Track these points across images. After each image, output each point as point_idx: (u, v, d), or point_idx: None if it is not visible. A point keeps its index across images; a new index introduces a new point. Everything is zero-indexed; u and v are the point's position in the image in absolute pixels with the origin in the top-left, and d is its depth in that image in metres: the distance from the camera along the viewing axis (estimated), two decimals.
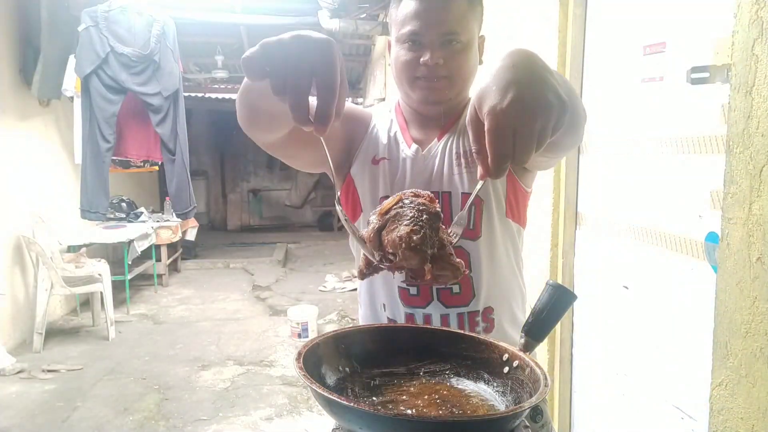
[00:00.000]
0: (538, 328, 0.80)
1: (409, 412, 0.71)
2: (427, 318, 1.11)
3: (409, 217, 0.66)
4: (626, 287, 1.90)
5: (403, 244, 0.63)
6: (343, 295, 6.02)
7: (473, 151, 0.63)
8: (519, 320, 1.19)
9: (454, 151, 1.13)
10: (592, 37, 2.10)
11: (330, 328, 4.82)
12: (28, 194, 4.65)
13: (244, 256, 8.05)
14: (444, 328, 0.87)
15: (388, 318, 1.14)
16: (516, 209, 1.19)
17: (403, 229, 0.64)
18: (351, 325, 0.86)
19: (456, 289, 1.09)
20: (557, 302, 0.80)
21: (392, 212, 0.68)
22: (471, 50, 1.10)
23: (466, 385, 0.80)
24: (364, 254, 0.76)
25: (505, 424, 0.63)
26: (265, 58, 0.63)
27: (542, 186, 2.33)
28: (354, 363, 0.80)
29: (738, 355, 1.23)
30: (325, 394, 0.61)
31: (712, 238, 1.48)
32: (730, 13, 1.26)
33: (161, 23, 4.73)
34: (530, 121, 0.59)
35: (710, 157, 1.49)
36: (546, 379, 0.69)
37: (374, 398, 0.75)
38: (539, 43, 2.32)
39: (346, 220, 0.75)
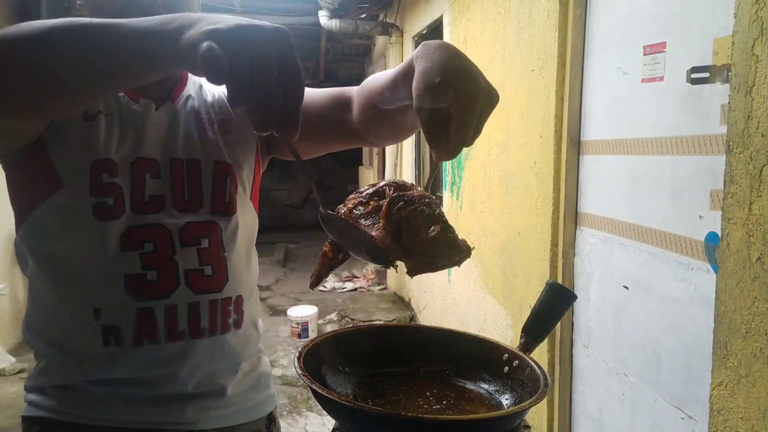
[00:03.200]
0: (538, 328, 0.80)
1: (409, 412, 0.71)
2: (171, 310, 0.88)
3: (426, 215, 0.65)
4: (626, 287, 1.90)
5: (443, 244, 0.64)
6: (343, 295, 6.02)
7: (427, 137, 0.63)
8: (257, 321, 1.04)
9: (203, 116, 0.95)
10: (592, 37, 2.10)
11: (330, 328, 4.83)
12: None
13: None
14: (444, 328, 0.87)
15: (104, 327, 0.86)
16: (254, 193, 1.03)
17: (436, 229, 0.64)
18: (351, 325, 0.86)
19: (208, 271, 0.91)
20: (557, 302, 0.81)
21: (402, 213, 0.65)
22: (195, 5, 0.94)
23: (466, 385, 0.80)
24: (325, 253, 0.70)
25: (505, 424, 0.63)
26: (231, 56, 0.52)
27: (542, 186, 2.33)
28: (354, 363, 0.80)
29: (738, 355, 1.24)
30: (325, 394, 0.61)
31: (712, 238, 1.48)
32: (730, 13, 1.26)
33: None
34: (490, 106, 0.64)
35: (710, 157, 1.49)
36: (546, 379, 0.69)
37: (374, 398, 0.75)
38: (539, 44, 2.33)
39: (344, 223, 0.66)
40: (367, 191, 0.69)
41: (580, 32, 2.13)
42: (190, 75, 0.99)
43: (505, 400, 0.75)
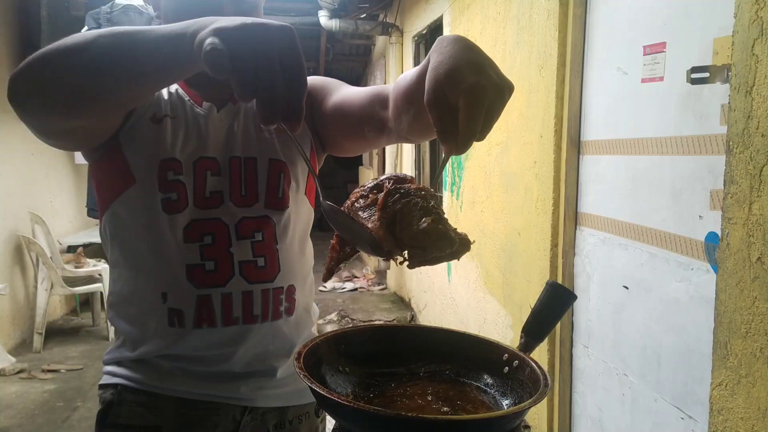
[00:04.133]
0: (538, 328, 0.80)
1: (409, 412, 0.71)
2: (227, 298, 0.96)
3: (420, 207, 0.65)
4: (626, 287, 1.90)
5: (434, 235, 0.64)
6: (343, 295, 6.02)
7: (439, 131, 0.63)
8: (311, 307, 1.11)
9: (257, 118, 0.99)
10: (592, 37, 2.10)
11: (330, 328, 4.82)
12: (28, 194, 4.65)
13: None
14: (444, 328, 0.86)
15: (170, 309, 0.95)
16: (309, 189, 1.08)
17: (427, 221, 0.64)
18: (351, 325, 0.86)
19: (261, 262, 0.98)
20: (557, 302, 0.81)
21: (396, 206, 0.66)
22: (261, 9, 1.08)
23: (466, 385, 0.80)
24: (335, 245, 0.73)
25: (505, 424, 0.63)
26: (231, 50, 0.56)
27: (542, 186, 2.33)
28: (354, 363, 0.80)
29: (738, 355, 1.24)
30: (325, 394, 0.61)
31: (712, 238, 1.48)
32: (730, 13, 1.26)
33: (160, 22, 4.74)
34: (500, 99, 0.63)
35: (710, 157, 1.49)
36: (546, 379, 0.69)
37: (374, 398, 0.75)
38: (539, 44, 2.33)
39: (344, 216, 0.69)
40: (369, 185, 0.70)
41: (580, 32, 2.13)
42: None
43: (505, 400, 0.75)
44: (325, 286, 6.25)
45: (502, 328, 2.85)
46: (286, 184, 1.01)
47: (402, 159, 5.50)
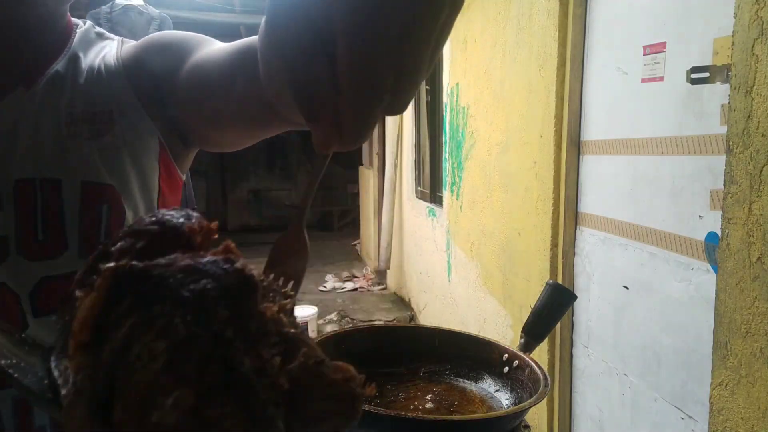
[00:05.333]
0: (538, 328, 0.80)
1: (409, 412, 0.71)
2: (20, 406, 0.60)
3: (178, 340, 0.22)
4: (626, 287, 1.90)
5: None
6: (343, 295, 6.02)
7: (306, 115, 0.32)
8: None
9: (63, 111, 0.62)
10: (593, 37, 2.10)
11: (330, 328, 4.82)
12: None
13: (244, 256, 8.04)
14: (444, 328, 0.87)
15: None
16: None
17: (181, 398, 0.22)
18: (351, 325, 0.86)
19: None
20: (557, 302, 0.81)
21: (115, 337, 0.23)
22: None
23: (466, 385, 0.80)
24: None
25: (505, 424, 0.63)
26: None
27: (542, 186, 2.33)
28: (354, 363, 0.80)
29: (738, 355, 1.24)
30: None
31: (712, 238, 1.48)
32: (730, 13, 1.26)
33: (158, 21, 4.74)
34: (430, 8, 0.31)
35: (710, 157, 1.49)
36: (546, 379, 0.69)
37: (374, 398, 0.75)
38: (539, 44, 2.33)
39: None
40: (98, 247, 0.29)
41: (580, 32, 2.13)
42: (75, 31, 0.67)
43: (505, 400, 0.75)
44: (324, 287, 6.25)
45: (502, 328, 2.85)
46: (113, 219, 0.62)
47: (402, 159, 5.50)
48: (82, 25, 0.68)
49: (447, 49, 3.85)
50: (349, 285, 6.26)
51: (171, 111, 0.65)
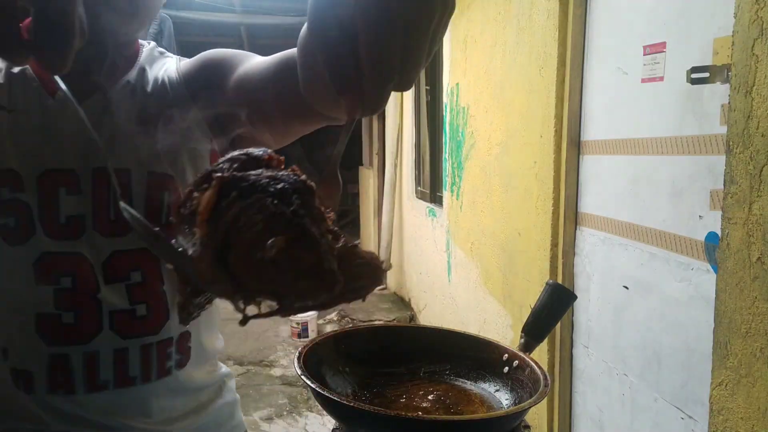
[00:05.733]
0: (538, 328, 0.80)
1: (409, 412, 0.71)
2: (91, 359, 0.72)
3: (269, 214, 0.36)
4: (626, 287, 1.90)
5: (290, 273, 0.36)
6: None
7: (331, 77, 0.41)
8: (216, 344, 0.88)
9: (133, 113, 0.75)
10: (593, 37, 2.10)
11: (330, 328, 4.83)
12: None
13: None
14: (444, 328, 0.87)
15: (12, 370, 0.72)
16: None
17: (274, 245, 0.35)
18: (351, 325, 0.86)
19: (141, 310, 0.75)
20: (557, 302, 0.81)
21: (231, 212, 0.37)
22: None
23: (466, 385, 0.80)
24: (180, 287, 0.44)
25: (505, 424, 0.63)
26: None
27: (542, 186, 2.33)
28: (354, 363, 0.80)
29: (738, 355, 1.24)
30: (325, 394, 0.61)
31: (712, 238, 1.48)
32: (730, 13, 1.26)
33: (158, 21, 4.74)
34: (426, 11, 0.39)
35: (710, 157, 1.49)
36: (546, 379, 0.69)
37: (374, 398, 0.75)
38: (539, 44, 2.33)
39: (151, 232, 0.42)
40: (206, 169, 0.43)
41: (580, 32, 2.13)
42: (142, 50, 0.81)
43: (505, 400, 0.75)
44: None
45: (502, 328, 2.85)
46: (172, 204, 0.75)
47: (402, 159, 5.51)
48: (147, 45, 0.82)
49: (447, 49, 3.85)
50: None
51: (221, 113, 0.77)
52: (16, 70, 0.73)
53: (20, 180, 0.69)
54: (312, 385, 0.63)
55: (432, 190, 4.64)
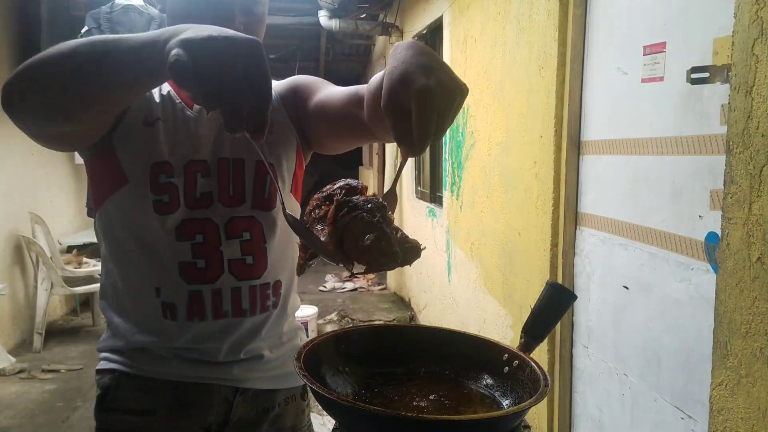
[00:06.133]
0: (537, 328, 0.80)
1: (409, 412, 0.71)
2: (216, 294, 1.00)
3: (365, 222, 0.66)
4: (626, 287, 1.90)
5: (376, 253, 0.65)
6: (343, 295, 6.02)
7: (395, 134, 0.67)
8: (296, 300, 1.17)
9: None
10: (593, 37, 2.10)
11: (330, 328, 4.82)
12: (28, 194, 4.65)
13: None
14: (444, 328, 0.86)
15: (163, 303, 1.00)
16: (296, 187, 1.13)
17: (369, 238, 0.65)
18: (351, 325, 0.86)
19: (249, 260, 1.03)
20: (557, 302, 0.81)
21: (344, 221, 0.67)
22: (265, 23, 1.06)
23: (466, 385, 0.80)
24: (302, 245, 0.75)
25: (505, 424, 0.63)
26: (195, 62, 0.59)
27: (542, 186, 2.33)
28: (354, 363, 0.80)
29: (738, 355, 1.24)
30: (325, 394, 0.61)
31: (712, 238, 1.48)
32: (730, 13, 1.26)
33: (158, 21, 4.73)
34: (450, 101, 0.65)
35: (710, 157, 1.49)
36: (546, 379, 0.69)
37: (374, 398, 0.75)
38: (539, 44, 2.33)
39: (303, 228, 0.72)
40: (323, 194, 0.73)
41: (580, 32, 2.13)
42: None
43: (505, 400, 0.75)
44: (324, 286, 6.25)
45: (502, 328, 2.85)
46: (272, 184, 1.04)
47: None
48: None
49: (447, 49, 3.85)
50: (349, 285, 6.26)
51: (304, 124, 1.08)
52: (164, 91, 1.01)
53: (172, 168, 0.97)
54: (312, 385, 0.63)
55: (432, 190, 4.64)
